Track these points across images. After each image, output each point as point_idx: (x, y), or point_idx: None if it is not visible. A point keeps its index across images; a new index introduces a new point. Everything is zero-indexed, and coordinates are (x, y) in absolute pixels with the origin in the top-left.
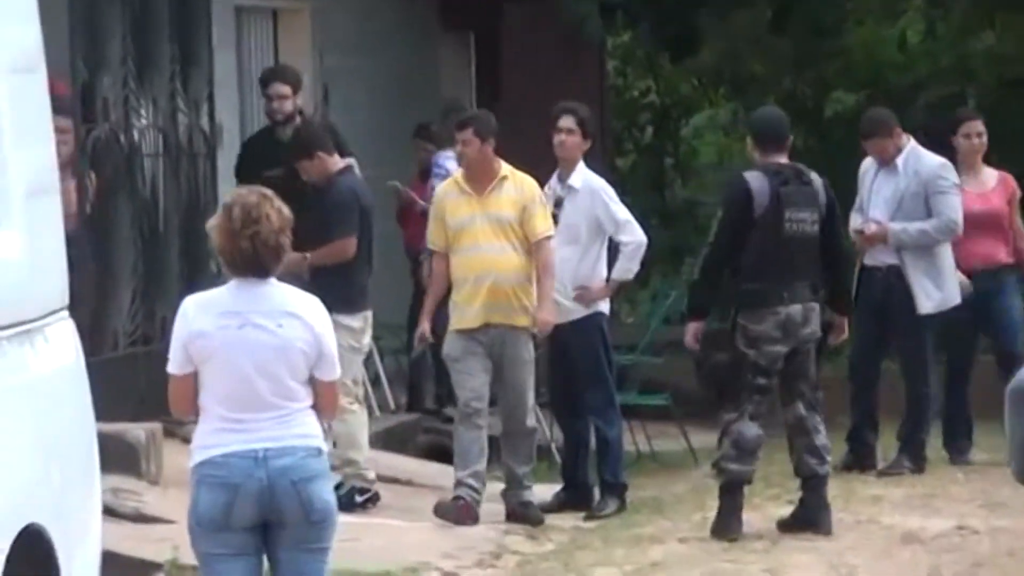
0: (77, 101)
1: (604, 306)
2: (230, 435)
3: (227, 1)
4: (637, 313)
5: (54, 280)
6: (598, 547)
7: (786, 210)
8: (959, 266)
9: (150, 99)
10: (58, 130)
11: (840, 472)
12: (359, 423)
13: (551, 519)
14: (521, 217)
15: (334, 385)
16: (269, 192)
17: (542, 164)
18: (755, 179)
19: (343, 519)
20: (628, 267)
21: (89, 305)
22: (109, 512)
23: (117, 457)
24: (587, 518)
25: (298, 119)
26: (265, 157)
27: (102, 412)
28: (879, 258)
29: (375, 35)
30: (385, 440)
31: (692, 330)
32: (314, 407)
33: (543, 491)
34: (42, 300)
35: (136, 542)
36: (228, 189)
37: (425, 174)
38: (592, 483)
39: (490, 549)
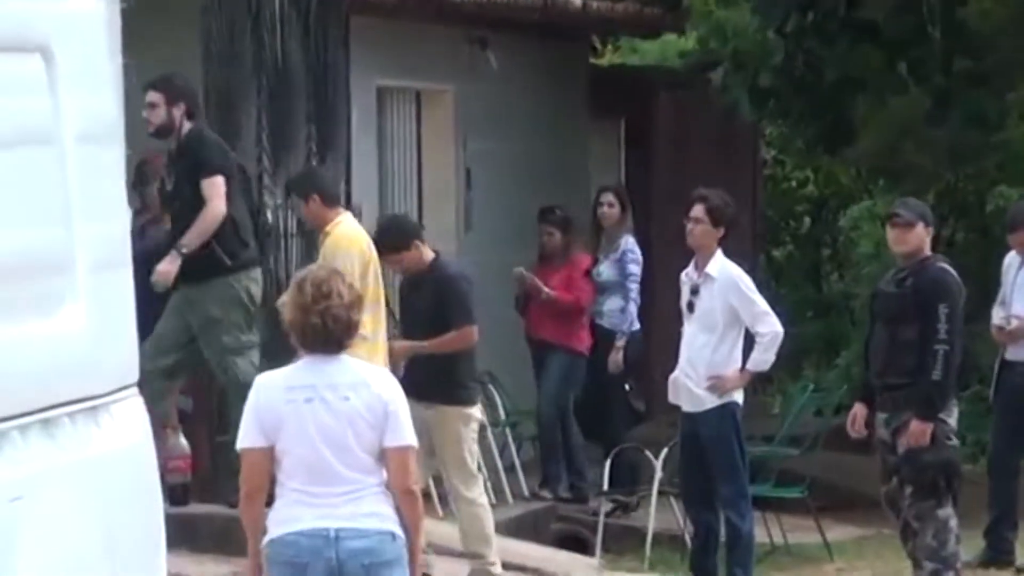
0: None
1: (738, 396)
2: (302, 509)
3: (368, 82)
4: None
5: (122, 355)
6: None
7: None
8: None
9: (284, 179)
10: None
11: (977, 568)
12: (488, 515)
13: None
14: None
15: (405, 453)
16: (339, 270)
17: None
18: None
19: None
20: (764, 358)
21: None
22: None
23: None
24: None
25: (185, 130)
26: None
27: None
28: (1020, 353)
29: (520, 119)
30: (517, 527)
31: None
32: (387, 483)
33: None
34: (108, 376)
35: None
36: None
37: (546, 258)
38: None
39: None
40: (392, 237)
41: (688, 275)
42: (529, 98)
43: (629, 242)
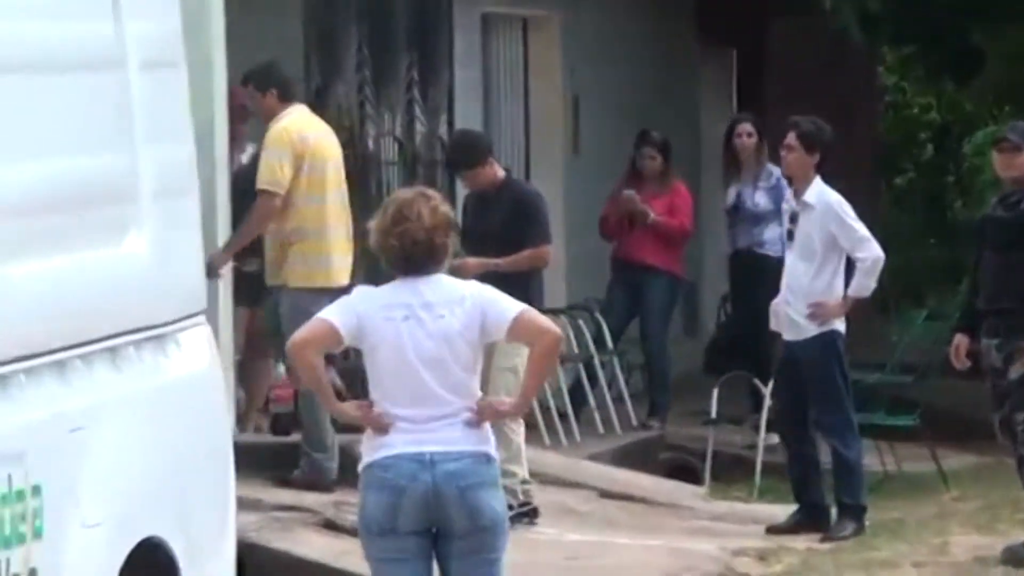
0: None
1: (839, 324)
2: (397, 435)
3: (473, 9)
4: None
5: (188, 283)
6: (828, 570)
7: None
8: None
9: (386, 107)
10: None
11: None
12: (521, 439)
13: (785, 540)
14: None
15: (522, 318)
16: (431, 192)
17: None
18: None
19: (563, 537)
20: (864, 284)
21: None
22: (331, 526)
23: (342, 470)
24: (823, 540)
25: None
26: None
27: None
28: None
29: (628, 45)
30: (624, 457)
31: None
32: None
33: (778, 512)
34: (174, 304)
35: (358, 557)
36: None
37: (643, 182)
38: (828, 504)
39: (716, 570)
40: (463, 153)
41: (788, 203)
42: (637, 24)
43: (777, 170)
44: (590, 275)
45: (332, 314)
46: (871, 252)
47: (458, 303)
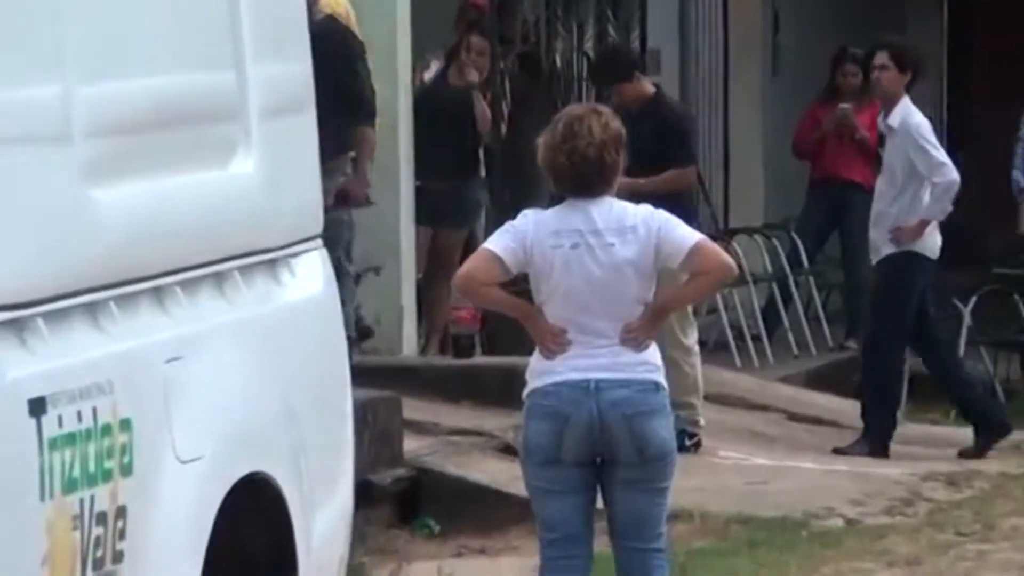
0: (495, 21)
1: (921, 247)
2: (563, 362)
3: None
4: None
5: (301, 206)
6: (1018, 496)
7: None
8: None
9: (574, 21)
10: (476, 51)
11: None
12: (699, 364)
13: (977, 464)
14: None
15: (697, 249)
16: (603, 107)
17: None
18: None
19: (747, 461)
20: (936, 208)
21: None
22: (508, 451)
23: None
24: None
25: None
26: None
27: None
28: None
29: None
30: (817, 379)
31: None
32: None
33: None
34: (285, 228)
35: None
36: None
37: (840, 99)
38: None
39: (902, 495)
40: (612, 68)
41: (883, 125)
42: None
43: None
44: (787, 194)
45: (496, 243)
46: (945, 176)
47: (630, 230)
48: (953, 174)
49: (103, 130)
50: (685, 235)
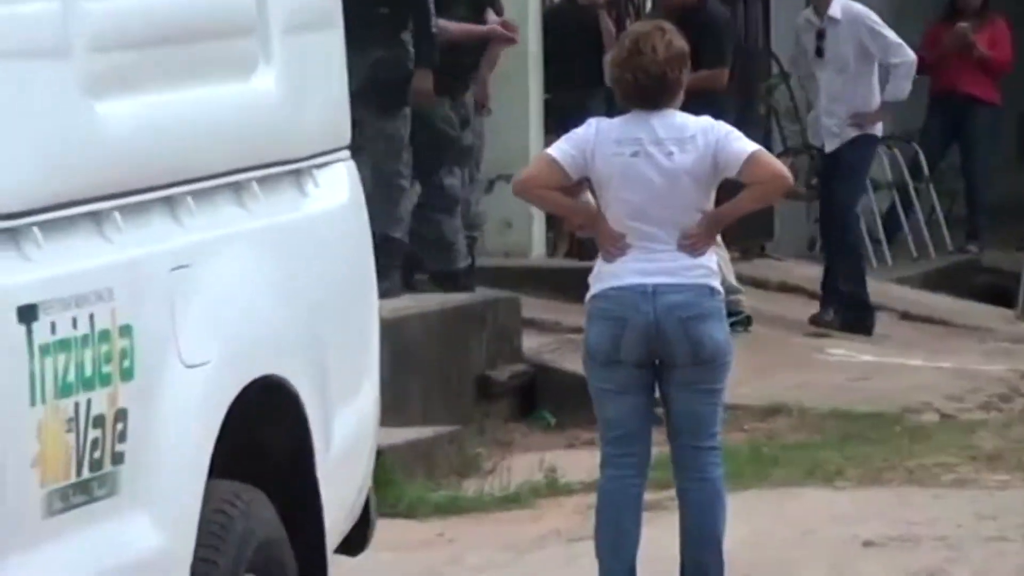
0: None
1: (877, 130)
2: (623, 266)
3: None
4: None
5: (326, 119)
6: None
7: None
8: None
9: None
10: None
11: None
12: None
13: None
14: None
15: (754, 160)
16: (668, 25)
17: None
18: None
19: (854, 358)
20: (900, 87)
21: None
22: None
23: None
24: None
25: None
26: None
27: None
28: None
29: None
30: (936, 281)
31: None
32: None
33: None
34: (308, 140)
35: None
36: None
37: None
38: None
39: (1001, 391)
40: None
41: (809, 21)
42: None
43: None
44: (909, 106)
45: (557, 149)
46: (904, 56)
47: (689, 140)
48: (911, 54)
49: (107, 44)
50: (742, 146)
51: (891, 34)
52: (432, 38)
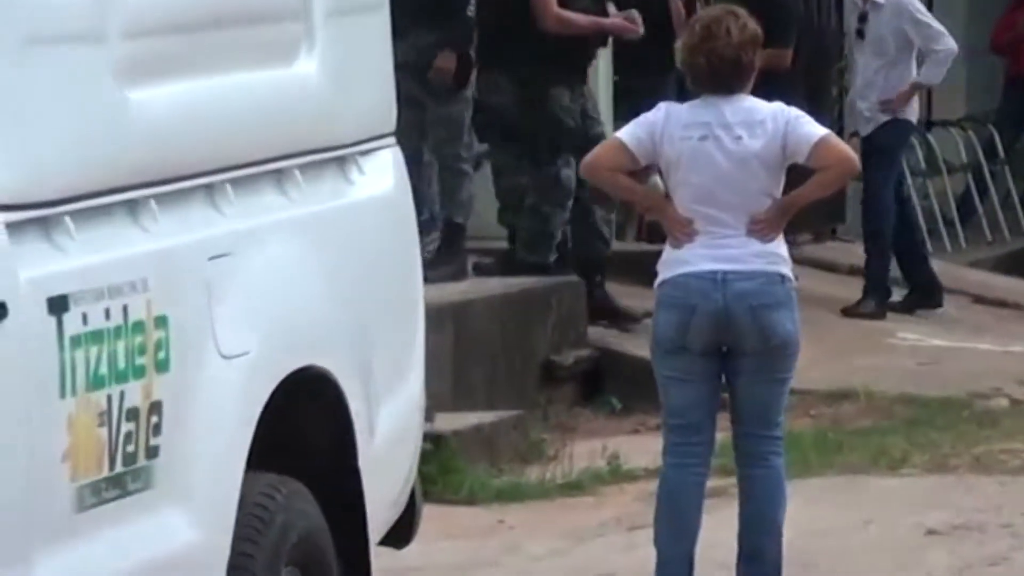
0: None
1: (910, 114)
2: (691, 253)
3: None
4: None
5: (371, 105)
6: None
7: None
8: None
9: None
10: None
11: None
12: None
13: None
14: None
15: (823, 144)
16: (739, 9)
17: None
18: None
19: (924, 342)
20: (935, 72)
21: None
22: None
23: None
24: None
25: None
26: None
27: None
28: None
29: None
30: (1009, 264)
31: None
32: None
33: None
34: (353, 126)
35: None
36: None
37: None
38: None
39: None
40: None
41: (854, 2)
42: None
43: None
44: (987, 89)
45: (625, 133)
46: (946, 44)
47: (759, 124)
48: (952, 43)
49: (144, 30)
50: (812, 130)
51: (935, 23)
52: (467, 21)
